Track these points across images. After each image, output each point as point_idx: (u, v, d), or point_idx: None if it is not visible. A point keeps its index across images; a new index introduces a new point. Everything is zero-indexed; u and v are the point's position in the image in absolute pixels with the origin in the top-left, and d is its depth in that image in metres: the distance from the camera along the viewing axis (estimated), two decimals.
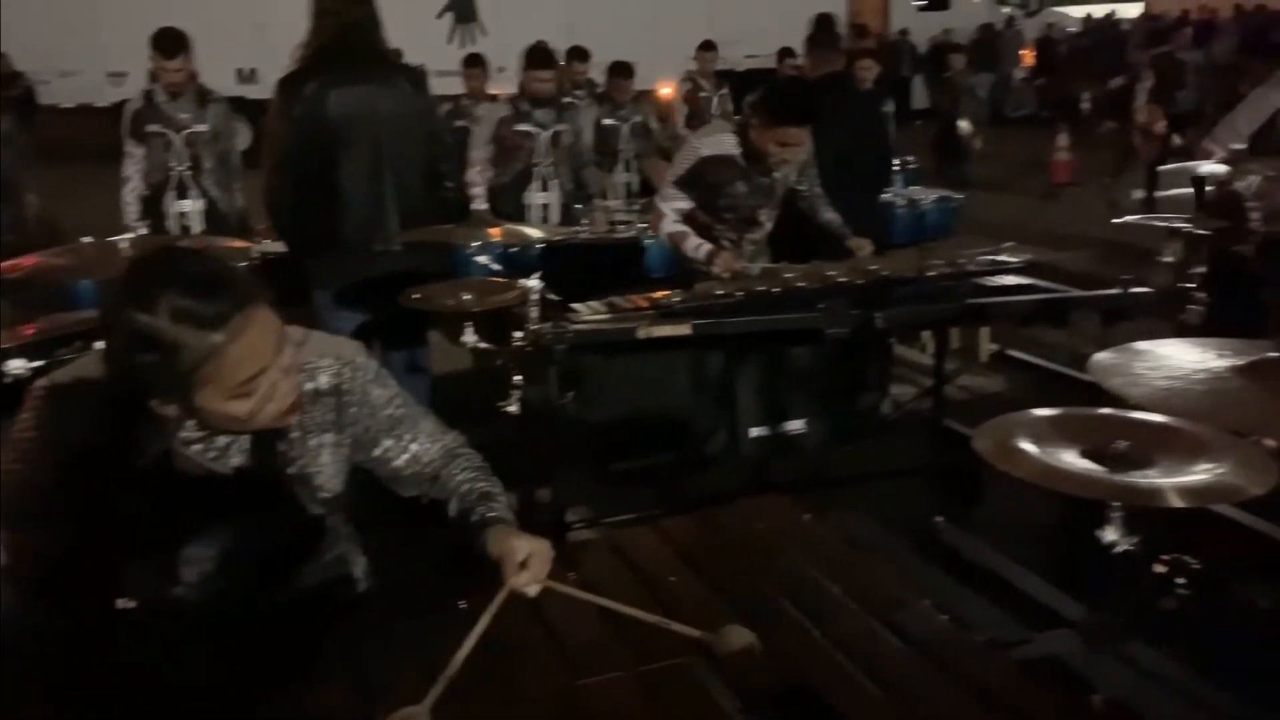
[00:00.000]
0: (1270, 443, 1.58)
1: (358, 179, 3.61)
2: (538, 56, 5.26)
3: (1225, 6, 17.22)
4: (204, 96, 4.88)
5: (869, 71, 6.77)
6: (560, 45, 10.96)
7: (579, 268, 4.50)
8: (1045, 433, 1.85)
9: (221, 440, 1.54)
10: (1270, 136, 4.32)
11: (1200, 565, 1.81)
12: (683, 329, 3.19)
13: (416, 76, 3.85)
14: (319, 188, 3.58)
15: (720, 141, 3.69)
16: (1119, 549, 1.79)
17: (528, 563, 1.55)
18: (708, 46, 8.24)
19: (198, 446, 1.54)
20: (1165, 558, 1.80)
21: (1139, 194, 9.62)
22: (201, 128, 4.81)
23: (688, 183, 3.70)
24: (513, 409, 3.21)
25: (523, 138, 5.24)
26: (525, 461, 3.44)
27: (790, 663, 1.48)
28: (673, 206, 3.72)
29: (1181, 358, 1.61)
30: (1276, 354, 1.48)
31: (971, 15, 17.91)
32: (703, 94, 8.07)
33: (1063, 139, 10.84)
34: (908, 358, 4.71)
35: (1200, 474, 1.65)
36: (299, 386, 1.51)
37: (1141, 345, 1.65)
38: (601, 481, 3.57)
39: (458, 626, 1.44)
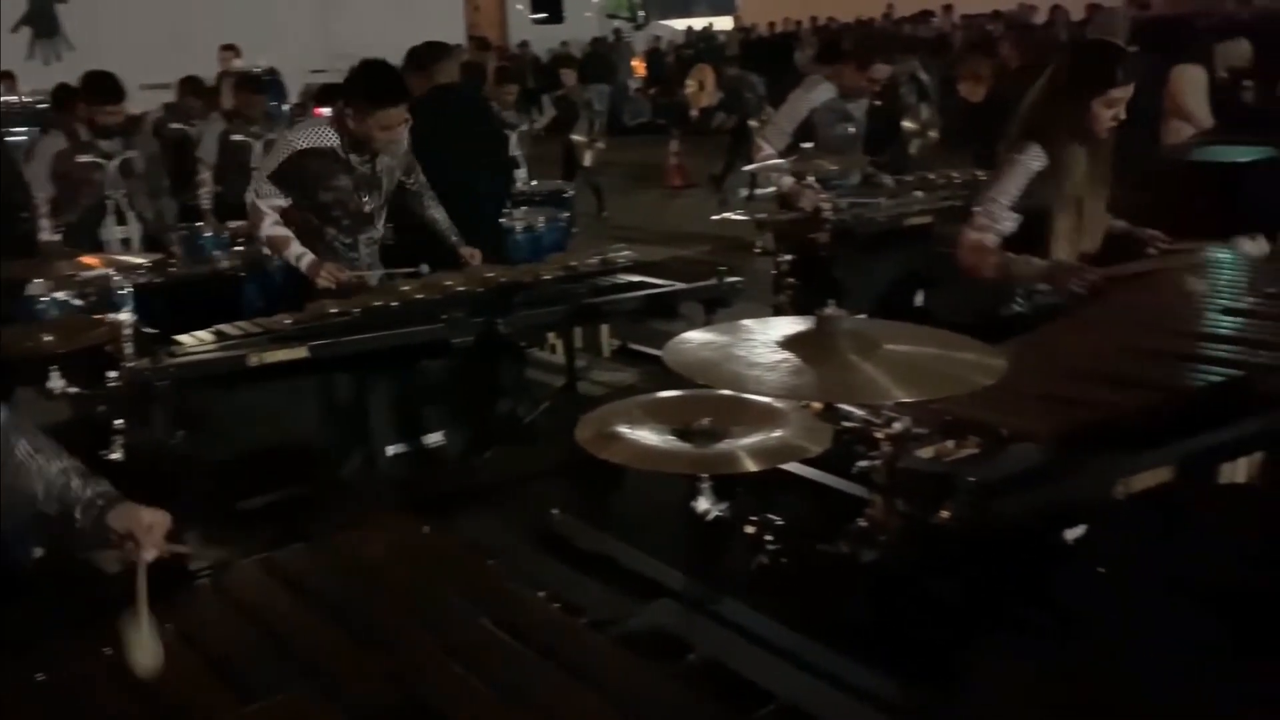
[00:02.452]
0: (817, 405, 1.78)
1: None
2: (105, 87, 4.86)
3: (806, 18, 19.20)
4: None
5: (511, 95, 6.85)
6: (166, 62, 10.20)
7: (172, 304, 4.20)
8: (640, 418, 1.97)
9: None
10: (813, 133, 4.87)
11: (784, 522, 2.00)
12: (299, 352, 3.08)
13: None
14: None
15: (318, 134, 3.58)
16: (711, 516, 1.94)
17: (153, 529, 1.67)
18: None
19: None
20: (753, 519, 1.97)
21: (745, 192, 10.54)
22: None
23: (283, 179, 3.54)
24: (116, 456, 2.95)
25: (88, 170, 4.84)
26: None
27: (407, 678, 1.47)
28: (271, 204, 3.55)
29: (740, 337, 1.77)
30: (814, 326, 1.67)
31: (586, 27, 18.71)
32: None
33: (674, 145, 11.60)
34: (543, 360, 4.84)
35: (770, 439, 1.84)
36: None
37: (706, 329, 1.81)
38: (229, 523, 3.36)
39: None
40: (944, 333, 1.72)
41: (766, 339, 1.72)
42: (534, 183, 7.04)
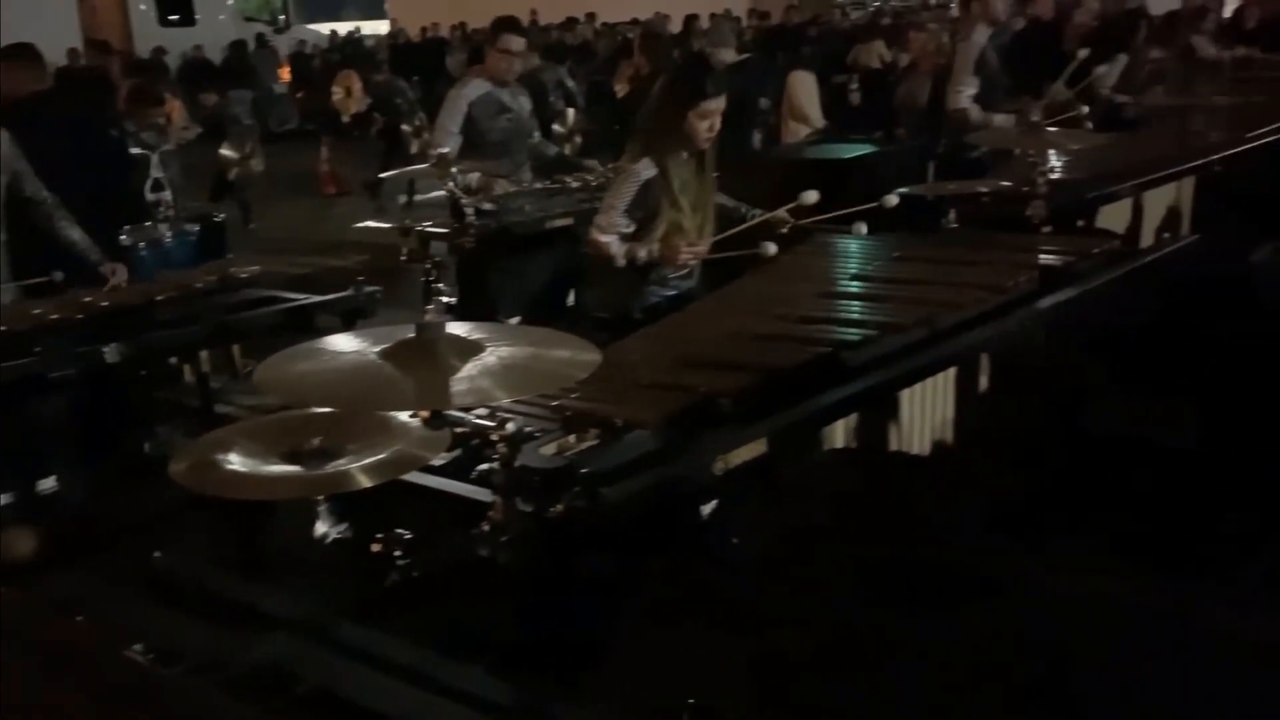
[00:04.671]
0: (425, 413, 1.76)
1: None
2: None
3: (447, 25, 18.99)
4: None
5: (153, 116, 6.21)
6: None
7: None
8: (246, 446, 1.85)
9: None
10: (475, 128, 4.88)
11: (413, 535, 1.96)
12: None
13: None
14: None
15: None
16: (330, 539, 1.87)
17: None
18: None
19: None
20: (379, 536, 1.91)
21: (403, 198, 10.33)
22: None
23: None
24: None
25: None
26: None
27: None
28: None
29: (345, 349, 1.70)
30: (413, 335, 1.64)
31: (222, 31, 17.60)
32: None
33: (325, 151, 11.18)
34: (180, 386, 4.48)
35: (385, 452, 1.79)
36: None
37: (306, 344, 1.72)
38: None
39: None
40: (543, 331, 1.75)
41: (368, 351, 1.66)
42: (171, 211, 6.53)
